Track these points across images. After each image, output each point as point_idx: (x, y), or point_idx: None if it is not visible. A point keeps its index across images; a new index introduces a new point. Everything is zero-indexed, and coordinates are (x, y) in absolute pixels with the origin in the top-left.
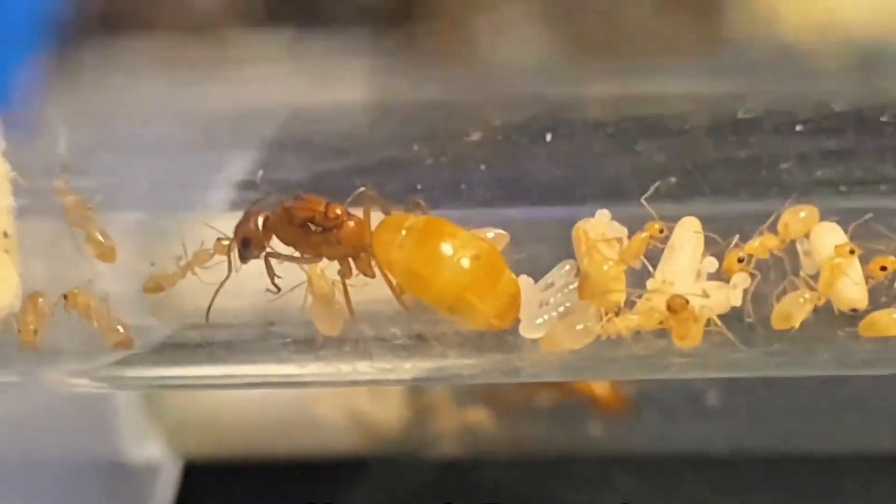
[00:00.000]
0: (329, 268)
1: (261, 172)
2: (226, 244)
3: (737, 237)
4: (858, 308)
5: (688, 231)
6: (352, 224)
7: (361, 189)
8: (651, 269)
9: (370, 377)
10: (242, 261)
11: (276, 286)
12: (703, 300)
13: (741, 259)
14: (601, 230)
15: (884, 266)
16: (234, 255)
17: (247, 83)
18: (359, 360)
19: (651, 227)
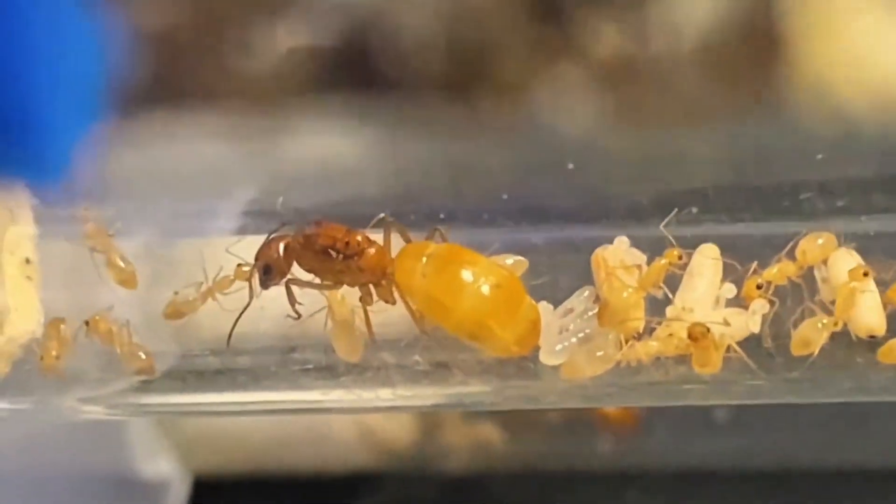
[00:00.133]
0: (350, 294)
1: (280, 199)
2: (246, 271)
3: (755, 263)
4: (877, 334)
5: (706, 258)
6: (373, 251)
7: (381, 216)
8: (670, 296)
9: (392, 404)
10: (263, 287)
11: (297, 312)
12: (723, 327)
13: (760, 286)
14: (620, 257)
15: None
16: (255, 282)
17: (302, 149)
18: (380, 387)
19: (670, 254)
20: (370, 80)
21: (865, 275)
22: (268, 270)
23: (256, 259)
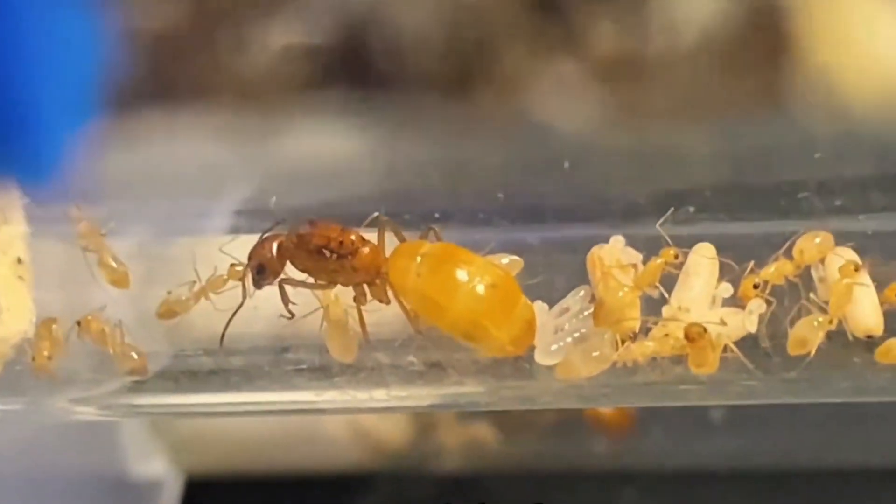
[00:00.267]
0: (344, 294)
1: (274, 199)
2: (240, 270)
3: (752, 263)
4: (875, 335)
5: (703, 257)
6: (367, 250)
7: (375, 215)
8: (666, 296)
9: (386, 404)
10: (257, 287)
11: (291, 312)
12: (719, 327)
13: (757, 285)
14: (616, 256)
15: None
16: (248, 281)
17: (303, 143)
18: (375, 388)
19: (666, 254)
20: (367, 78)
21: (856, 270)
22: (261, 270)
23: (250, 258)
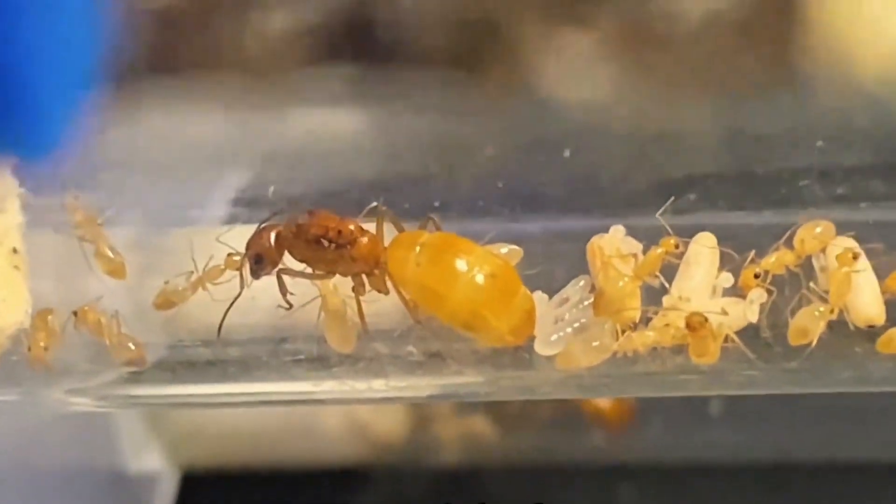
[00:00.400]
0: (342, 284)
1: (272, 188)
2: (237, 260)
3: (753, 253)
4: (876, 324)
5: (703, 246)
6: (365, 240)
7: (374, 205)
8: (667, 285)
9: (385, 395)
10: (254, 277)
11: (289, 303)
12: (721, 317)
13: (757, 275)
14: (616, 246)
15: None
16: (246, 271)
17: (305, 122)
18: (374, 378)
19: (666, 243)
20: (371, 55)
21: (855, 258)
22: (259, 260)
23: (247, 248)
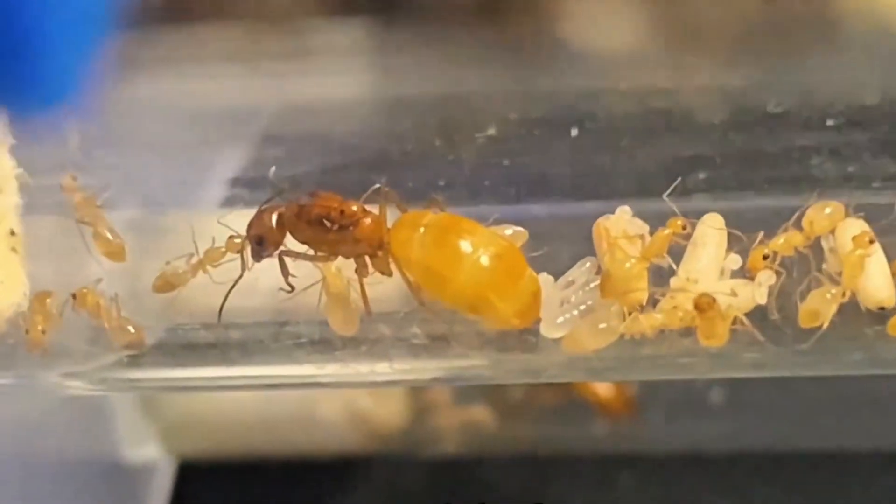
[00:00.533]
0: (345, 266)
1: (273, 169)
2: (238, 242)
3: (761, 234)
4: (886, 306)
5: (711, 228)
6: (368, 221)
7: (377, 186)
8: (674, 267)
9: (389, 378)
10: (256, 259)
11: (290, 285)
12: (730, 298)
13: (766, 256)
14: (622, 227)
15: None
16: (248, 254)
17: (321, 75)
18: (377, 361)
19: (673, 224)
20: (390, 5)
21: (871, 242)
22: (260, 242)
23: (249, 230)
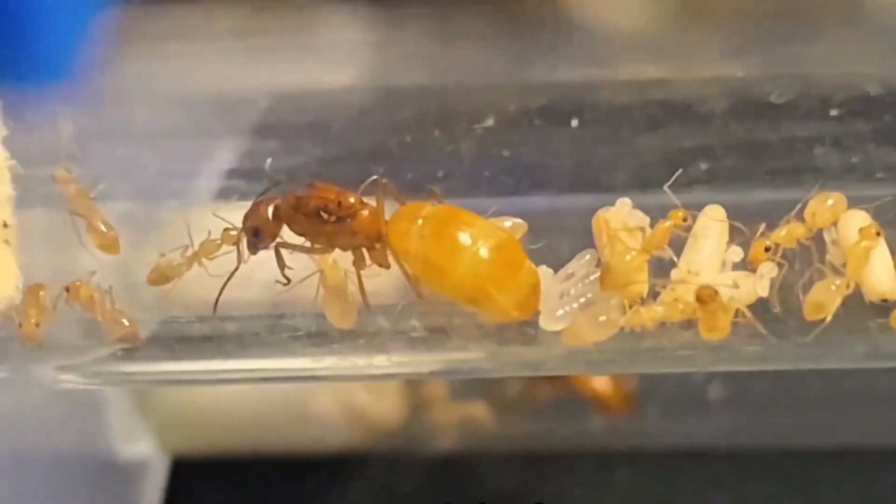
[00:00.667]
0: (342, 258)
1: (269, 160)
2: (234, 234)
3: (763, 226)
4: (889, 299)
5: (712, 219)
6: (366, 213)
7: (374, 177)
8: (675, 259)
9: (387, 371)
10: (252, 251)
11: (287, 277)
12: (731, 290)
13: (768, 248)
14: (622, 219)
15: None
16: (244, 246)
17: (318, 65)
18: (375, 354)
19: (674, 216)
20: None
21: (878, 234)
22: (257, 234)
23: (245, 222)
